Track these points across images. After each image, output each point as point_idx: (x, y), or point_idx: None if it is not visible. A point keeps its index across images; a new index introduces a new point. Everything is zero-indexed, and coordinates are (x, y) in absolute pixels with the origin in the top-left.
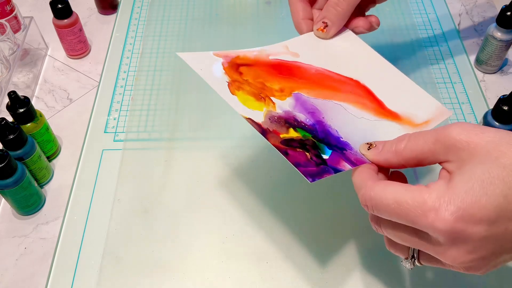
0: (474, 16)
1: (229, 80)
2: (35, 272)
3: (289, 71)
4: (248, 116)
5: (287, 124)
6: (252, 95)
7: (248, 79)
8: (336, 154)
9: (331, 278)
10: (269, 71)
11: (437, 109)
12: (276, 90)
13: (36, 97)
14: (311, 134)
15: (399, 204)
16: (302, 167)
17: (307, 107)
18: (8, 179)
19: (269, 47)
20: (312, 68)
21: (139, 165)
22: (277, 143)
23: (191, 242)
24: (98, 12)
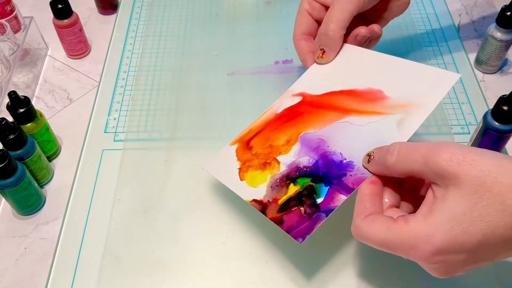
0: (474, 16)
1: (240, 165)
2: (35, 272)
3: (293, 115)
4: (251, 199)
5: (288, 181)
6: (259, 168)
7: (257, 151)
8: (332, 189)
9: (331, 278)
10: (275, 128)
11: (444, 78)
12: (283, 144)
13: (36, 97)
14: (310, 178)
15: (384, 243)
16: (294, 229)
17: (312, 145)
18: (8, 179)
19: (278, 100)
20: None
21: (139, 165)
22: (274, 214)
23: (191, 242)
24: (98, 12)
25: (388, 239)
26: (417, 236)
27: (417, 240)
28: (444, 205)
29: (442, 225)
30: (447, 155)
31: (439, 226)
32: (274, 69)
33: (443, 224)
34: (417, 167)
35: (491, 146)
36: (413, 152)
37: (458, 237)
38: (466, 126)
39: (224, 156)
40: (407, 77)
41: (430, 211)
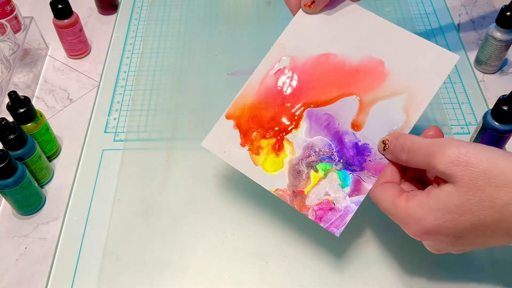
0: (474, 16)
1: (248, 146)
2: (35, 272)
3: (292, 86)
4: (276, 188)
5: (308, 167)
6: (272, 151)
7: (261, 127)
8: (356, 177)
9: (331, 278)
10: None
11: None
12: (289, 119)
13: (36, 97)
14: (331, 164)
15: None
16: (328, 221)
17: (321, 121)
18: (8, 179)
19: (266, 57)
20: (311, 60)
21: (139, 165)
22: (303, 206)
23: (191, 242)
24: (98, 12)
25: (389, 211)
26: (410, 216)
27: (409, 219)
28: (440, 195)
29: (434, 211)
30: (445, 158)
31: (431, 211)
32: None
33: (435, 211)
34: (423, 165)
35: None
36: (417, 152)
37: (446, 224)
38: (466, 126)
39: (223, 132)
40: (408, 51)
41: (427, 196)
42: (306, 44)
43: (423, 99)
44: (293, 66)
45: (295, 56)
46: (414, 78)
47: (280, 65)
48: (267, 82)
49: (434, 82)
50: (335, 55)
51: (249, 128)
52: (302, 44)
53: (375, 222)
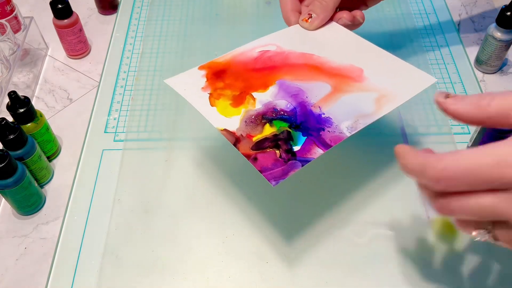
0: (474, 16)
1: (211, 91)
2: (35, 272)
3: (273, 61)
4: (223, 128)
5: (264, 120)
6: (232, 99)
7: (230, 82)
8: (310, 140)
9: (331, 278)
10: (251, 70)
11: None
12: (260, 84)
13: (36, 97)
14: (288, 123)
15: (478, 165)
16: (268, 170)
17: (290, 91)
18: (8, 179)
19: (256, 41)
20: (296, 53)
21: (139, 165)
22: (247, 150)
23: (191, 242)
24: (98, 12)
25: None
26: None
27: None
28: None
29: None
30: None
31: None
32: None
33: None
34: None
35: None
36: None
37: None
38: (466, 126)
39: (191, 77)
40: (387, 67)
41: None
42: (295, 44)
43: (393, 101)
44: (278, 52)
45: (282, 47)
46: (389, 86)
47: (266, 48)
48: (248, 54)
49: (407, 92)
50: (318, 56)
51: (217, 79)
52: (292, 43)
53: (375, 222)
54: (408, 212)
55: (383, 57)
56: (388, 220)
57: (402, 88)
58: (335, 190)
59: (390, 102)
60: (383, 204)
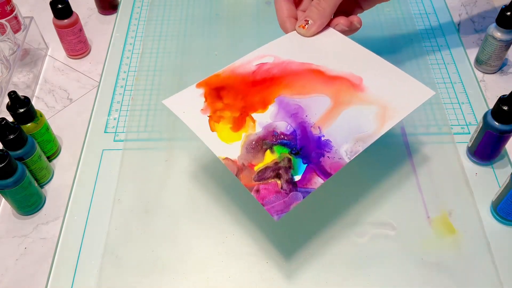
0: (474, 16)
1: (210, 113)
2: (35, 272)
3: (271, 74)
4: (225, 156)
5: (265, 146)
6: (232, 122)
7: (228, 102)
8: (310, 168)
9: (331, 278)
10: (250, 84)
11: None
12: (258, 102)
13: (36, 97)
14: (288, 149)
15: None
16: (270, 203)
17: (290, 109)
18: (8, 179)
19: (252, 53)
20: (294, 63)
21: (139, 165)
22: (249, 182)
23: (191, 242)
24: (98, 12)
25: None
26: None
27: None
28: None
29: None
30: None
31: None
32: None
33: None
34: None
35: (491, 146)
36: None
37: None
38: (466, 126)
39: (190, 97)
40: (386, 77)
41: None
42: (292, 53)
43: (393, 117)
44: (275, 63)
45: (279, 57)
46: (389, 98)
47: (263, 60)
48: (246, 67)
49: (407, 106)
50: (317, 66)
51: (216, 99)
52: (289, 52)
53: (375, 222)
54: (408, 212)
55: (382, 66)
56: (388, 220)
57: (401, 101)
58: (335, 191)
59: (390, 118)
60: (383, 204)
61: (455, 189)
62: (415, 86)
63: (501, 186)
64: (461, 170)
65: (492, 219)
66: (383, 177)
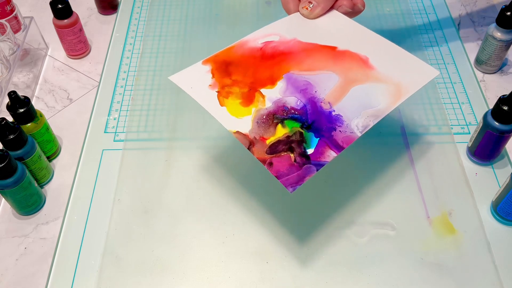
0: (474, 16)
1: (218, 89)
2: (35, 272)
3: (278, 51)
4: (236, 130)
5: (276, 120)
6: (241, 98)
7: (237, 78)
8: (322, 142)
9: (331, 278)
10: (258, 60)
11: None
12: (267, 78)
13: (36, 97)
14: (299, 123)
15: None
16: (284, 176)
17: (299, 85)
18: (8, 179)
19: (257, 31)
20: (300, 42)
21: (139, 165)
22: (262, 155)
23: (191, 242)
24: (98, 12)
25: None
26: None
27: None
28: None
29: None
30: None
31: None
32: None
33: None
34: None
35: (491, 146)
36: None
37: None
38: (466, 126)
39: (196, 73)
40: (391, 57)
41: None
42: (297, 33)
43: (403, 94)
44: (281, 41)
45: (284, 36)
46: (397, 76)
47: (268, 39)
48: (252, 45)
49: (415, 84)
50: (323, 45)
51: (223, 75)
52: (294, 32)
53: (375, 222)
54: (408, 212)
55: (386, 47)
56: (388, 220)
57: (408, 79)
58: (334, 191)
59: (398, 95)
60: (383, 204)
61: (455, 189)
62: (420, 66)
63: (501, 186)
64: (461, 170)
65: (492, 219)
66: (383, 177)
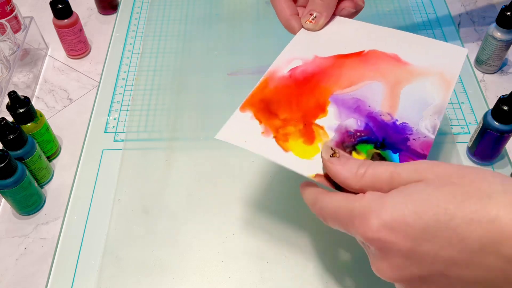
0: (474, 16)
1: (274, 134)
2: (35, 272)
3: (310, 73)
4: (315, 173)
5: (348, 149)
6: (301, 136)
7: (286, 116)
8: (403, 156)
9: (331, 278)
10: (294, 90)
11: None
12: (314, 107)
13: (36, 97)
14: (372, 144)
15: (337, 213)
16: None
17: (350, 105)
18: (8, 179)
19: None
20: (325, 58)
21: (139, 165)
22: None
23: (191, 242)
24: (98, 12)
25: (339, 208)
26: (369, 205)
27: (368, 208)
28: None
29: (399, 198)
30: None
31: (393, 199)
32: None
33: (400, 197)
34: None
35: (491, 146)
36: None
37: (408, 214)
38: (466, 126)
39: (241, 123)
40: (418, 47)
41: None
42: (315, 50)
43: (450, 81)
44: (306, 63)
45: (306, 57)
46: (432, 65)
47: (292, 65)
48: (281, 77)
49: (454, 67)
50: (346, 55)
51: (270, 117)
52: (311, 50)
53: None
54: None
55: (406, 38)
56: None
57: (447, 65)
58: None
59: (447, 83)
60: None
61: None
62: (448, 48)
63: None
64: None
65: None
66: None
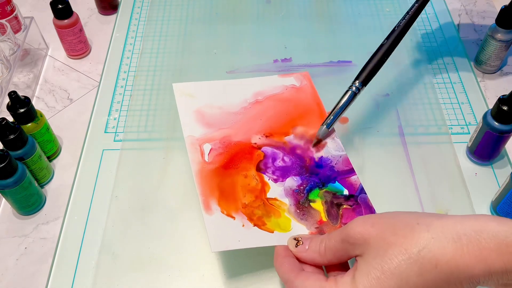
0: (474, 16)
1: (251, 222)
2: (35, 272)
3: (229, 155)
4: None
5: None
6: (269, 214)
7: (244, 201)
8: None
9: None
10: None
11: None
12: (255, 185)
13: (37, 97)
14: (317, 188)
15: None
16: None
17: (277, 168)
18: (8, 179)
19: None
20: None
21: (138, 164)
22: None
23: (188, 240)
24: (98, 12)
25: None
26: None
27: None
28: (363, 265)
29: (364, 280)
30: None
31: (361, 283)
32: (273, 68)
33: (365, 280)
34: (338, 246)
35: (491, 146)
36: (333, 235)
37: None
38: (466, 126)
39: (219, 227)
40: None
41: (353, 275)
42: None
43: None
44: (216, 146)
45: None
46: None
47: (206, 149)
48: (203, 164)
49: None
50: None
51: (234, 209)
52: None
53: None
54: None
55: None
56: None
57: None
58: None
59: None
60: (381, 204)
61: (452, 190)
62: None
63: (500, 186)
64: (458, 171)
65: None
66: (380, 177)
